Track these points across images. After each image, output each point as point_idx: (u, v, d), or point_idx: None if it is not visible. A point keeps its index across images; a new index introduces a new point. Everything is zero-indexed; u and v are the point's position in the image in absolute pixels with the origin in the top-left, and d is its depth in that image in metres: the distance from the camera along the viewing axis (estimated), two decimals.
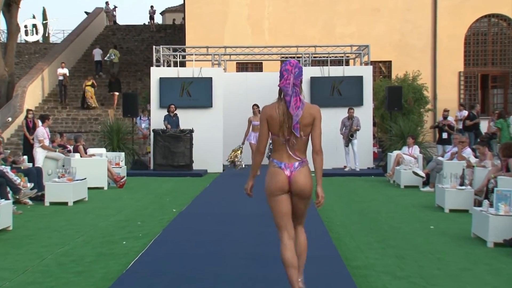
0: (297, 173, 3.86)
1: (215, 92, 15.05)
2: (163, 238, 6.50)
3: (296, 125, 3.79)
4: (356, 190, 11.23)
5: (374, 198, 10.08)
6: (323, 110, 16.12)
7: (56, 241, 6.41)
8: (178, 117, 14.59)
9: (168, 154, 14.25)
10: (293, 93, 3.82)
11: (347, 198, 10.00)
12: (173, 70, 15.60)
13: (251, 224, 7.47)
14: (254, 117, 13.25)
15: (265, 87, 16.48)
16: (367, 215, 8.23)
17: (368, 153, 15.04)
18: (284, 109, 3.82)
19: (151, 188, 11.50)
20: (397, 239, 6.53)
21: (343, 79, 15.13)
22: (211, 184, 12.18)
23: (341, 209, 8.80)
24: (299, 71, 3.88)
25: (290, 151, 3.85)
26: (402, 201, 9.70)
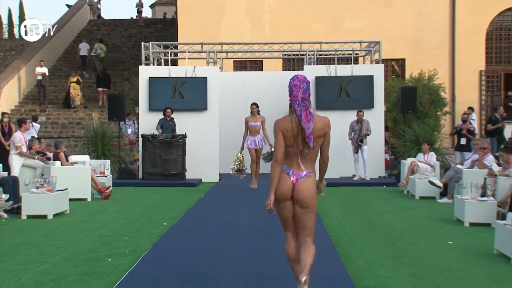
0: (301, 182, 4.48)
1: (210, 93, 15.08)
2: (153, 255, 6.50)
3: (310, 136, 4.45)
4: (366, 201, 11.23)
5: (386, 210, 10.08)
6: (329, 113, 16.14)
7: (34, 259, 6.41)
8: (174, 122, 14.62)
9: (159, 162, 14.26)
10: (302, 108, 4.46)
11: (356, 210, 10.00)
12: (163, 69, 15.63)
13: (250, 239, 7.46)
14: (252, 118, 12.89)
15: (266, 88, 16.59)
16: (378, 229, 8.23)
17: (380, 161, 15.06)
18: (296, 122, 4.47)
19: (139, 200, 11.49)
20: (411, 256, 6.53)
21: (352, 79, 15.16)
22: (206, 195, 12.18)
23: (350, 222, 8.80)
24: (307, 86, 4.51)
25: (301, 161, 4.51)
26: (417, 213, 9.70)
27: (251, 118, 12.90)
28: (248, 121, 12.88)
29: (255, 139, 12.82)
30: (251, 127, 12.83)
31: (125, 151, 16.78)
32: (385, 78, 16.51)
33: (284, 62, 21.62)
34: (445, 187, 11.08)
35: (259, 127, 12.83)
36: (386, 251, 6.79)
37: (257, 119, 12.88)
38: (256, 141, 12.81)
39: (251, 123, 12.85)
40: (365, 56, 17.15)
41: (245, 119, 12.99)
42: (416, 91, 15.76)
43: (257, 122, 12.85)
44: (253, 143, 12.81)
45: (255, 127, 12.83)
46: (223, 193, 12.60)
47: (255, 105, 12.97)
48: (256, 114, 12.87)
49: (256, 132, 12.84)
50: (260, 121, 12.87)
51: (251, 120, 12.87)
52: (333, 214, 9.58)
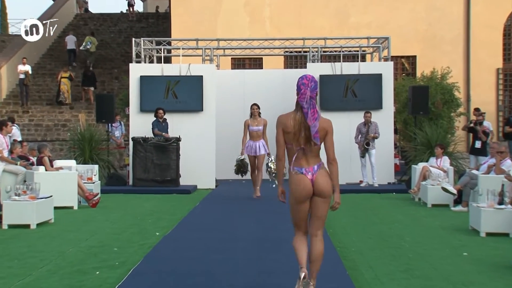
0: (318, 175, 4.97)
1: (206, 93, 15.09)
2: (144, 268, 6.49)
3: (316, 134, 4.88)
4: (374, 209, 11.23)
5: (396, 219, 10.08)
6: (335, 115, 16.14)
7: (16, 272, 6.40)
8: (167, 123, 14.63)
9: (151, 167, 14.26)
10: (310, 106, 4.91)
11: (363, 220, 10.00)
12: (156, 67, 15.64)
13: (250, 250, 7.46)
14: (252, 121, 12.27)
15: (266, 87, 16.61)
16: (387, 239, 8.22)
17: (389, 166, 15.06)
18: (300, 120, 4.91)
19: (129, 208, 11.49)
20: (423, 268, 6.52)
21: (359, 78, 15.18)
22: (202, 203, 12.17)
23: (357, 232, 8.79)
24: (314, 85, 4.98)
25: (306, 158, 4.97)
26: (430, 222, 9.70)
27: (251, 121, 12.27)
28: (249, 125, 12.26)
29: (255, 144, 12.23)
30: (252, 132, 12.25)
31: (114, 155, 16.78)
32: (394, 76, 16.53)
33: (285, 59, 21.65)
34: (459, 194, 11.08)
35: (261, 132, 12.24)
36: (396, 263, 6.78)
37: (259, 122, 12.25)
38: (257, 147, 12.20)
39: (252, 127, 12.24)
40: (373, 53, 17.18)
41: (244, 122, 12.36)
42: (428, 90, 15.76)
43: (258, 126, 12.23)
44: (252, 150, 12.23)
45: (257, 132, 12.25)
46: (220, 201, 12.59)
47: (256, 106, 12.36)
48: (257, 117, 12.28)
49: (258, 137, 12.24)
50: (262, 124, 12.23)
51: (252, 123, 12.26)
52: (339, 223, 9.57)
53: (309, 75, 5.07)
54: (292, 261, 6.35)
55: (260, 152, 12.21)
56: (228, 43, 17.55)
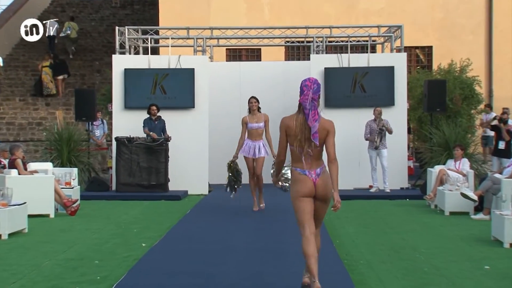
0: (320, 180, 5.62)
1: (198, 88, 15.09)
2: (128, 283, 6.48)
3: (315, 134, 5.52)
4: (385, 217, 11.23)
5: (409, 228, 10.08)
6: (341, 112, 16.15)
7: None
8: (163, 121, 14.58)
9: (136, 170, 14.26)
10: (311, 107, 5.57)
11: (373, 229, 10.00)
12: (142, 59, 15.63)
13: (246, 263, 7.45)
14: (251, 117, 11.58)
15: (265, 81, 16.62)
16: (400, 251, 8.22)
17: (402, 169, 15.07)
18: (302, 121, 5.58)
19: (112, 216, 11.48)
20: (440, 284, 6.52)
21: (368, 71, 15.19)
22: (193, 210, 12.16)
23: (366, 243, 8.79)
24: (317, 87, 5.63)
25: (309, 161, 5.60)
26: (447, 232, 9.71)
27: (250, 118, 11.57)
28: (248, 122, 11.56)
29: (254, 145, 11.58)
30: (251, 130, 11.55)
31: (95, 157, 16.76)
32: (408, 69, 16.55)
33: (286, 50, 21.67)
34: (480, 200, 11.07)
35: (262, 129, 11.57)
36: (410, 277, 6.78)
37: (259, 118, 11.55)
38: (256, 148, 11.54)
39: (251, 124, 11.53)
40: (384, 43, 17.19)
41: (242, 119, 11.69)
42: (446, 85, 15.78)
43: (259, 123, 11.52)
44: (250, 150, 11.56)
45: (258, 130, 11.55)
46: (213, 208, 12.58)
47: (254, 100, 11.60)
48: (256, 112, 11.56)
49: (258, 135, 11.60)
50: (263, 120, 11.53)
51: (251, 120, 11.55)
52: (346, 233, 9.57)
53: (313, 77, 5.73)
54: (296, 276, 6.35)
55: (260, 154, 11.54)
56: (222, 32, 17.55)
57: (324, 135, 5.61)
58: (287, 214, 10.90)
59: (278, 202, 12.38)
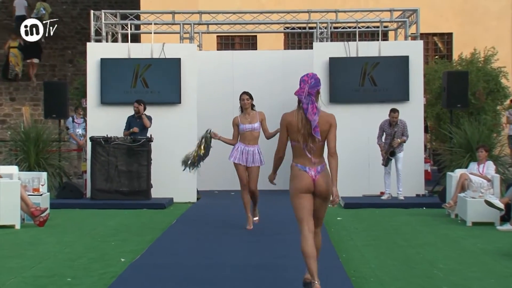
0: (320, 177, 6.27)
1: (185, 80, 15.09)
2: None
3: (316, 128, 6.17)
4: (399, 228, 11.25)
5: (426, 240, 10.09)
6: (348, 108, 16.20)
7: None
8: (150, 118, 14.56)
9: (114, 175, 14.25)
10: (309, 101, 6.21)
11: (385, 242, 10.00)
12: (121, 48, 15.62)
13: (240, 281, 7.45)
14: (244, 117, 10.85)
15: (261, 73, 16.63)
16: (416, 266, 8.23)
17: (418, 173, 15.07)
18: (302, 116, 6.22)
19: (87, 227, 11.47)
20: None
21: (379, 61, 15.20)
22: (179, 221, 12.15)
23: (377, 257, 8.80)
24: (315, 82, 6.27)
25: (309, 156, 6.24)
26: (470, 245, 9.72)
27: (242, 118, 10.84)
28: (239, 123, 10.83)
29: (248, 150, 10.79)
30: (244, 132, 10.77)
31: (69, 160, 16.72)
32: (425, 59, 16.58)
33: (286, 38, 21.68)
34: (507, 209, 11.09)
35: (257, 132, 10.82)
36: None
37: (253, 118, 10.80)
38: (249, 154, 10.79)
39: (243, 125, 10.77)
40: (397, 30, 17.21)
41: (233, 120, 10.96)
42: (468, 77, 15.79)
43: (253, 123, 10.77)
44: (243, 156, 10.78)
45: (252, 132, 10.78)
46: (202, 218, 12.57)
47: (246, 96, 10.86)
48: (249, 110, 10.85)
49: (253, 139, 10.81)
50: (258, 120, 10.79)
51: (243, 120, 10.81)
52: (354, 246, 9.58)
53: (311, 73, 6.40)
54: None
55: (254, 163, 10.77)
56: (213, 17, 17.55)
57: (326, 128, 6.28)
58: (285, 225, 10.92)
59: (275, 212, 12.38)
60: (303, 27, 18.38)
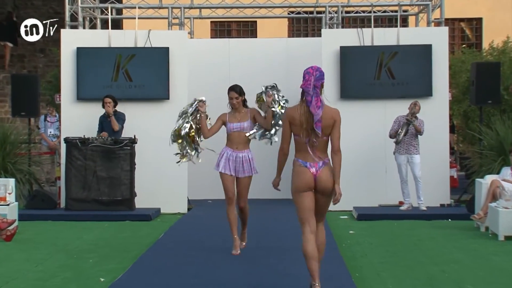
0: (321, 172, 6.92)
1: (174, 73, 15.11)
2: None
3: (318, 123, 6.80)
4: (420, 243, 11.25)
5: (452, 257, 10.09)
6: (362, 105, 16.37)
7: None
8: (122, 114, 14.61)
9: (92, 181, 14.24)
10: (314, 94, 6.88)
11: (404, 258, 10.00)
12: (100, 35, 15.62)
13: None
14: (232, 115, 10.25)
15: (262, 64, 16.60)
16: (440, 287, 8.24)
17: (442, 180, 15.07)
18: (305, 109, 6.87)
19: (61, 241, 11.45)
20: None
21: (398, 50, 15.21)
22: (167, 234, 12.15)
23: (395, 276, 8.81)
24: (320, 74, 6.99)
25: (312, 151, 6.91)
26: (502, 262, 9.71)
27: (231, 116, 10.26)
28: (227, 121, 10.26)
29: (236, 157, 10.11)
30: (232, 133, 10.16)
31: (40, 164, 16.70)
32: (450, 48, 16.58)
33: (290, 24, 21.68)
34: None
35: (246, 132, 10.15)
36: None
37: (243, 117, 10.20)
38: (238, 161, 10.10)
39: (231, 124, 10.17)
40: (418, 15, 17.21)
41: (220, 115, 10.40)
42: (500, 69, 15.78)
43: (242, 122, 10.15)
44: (230, 164, 10.10)
45: (240, 132, 10.12)
46: (193, 231, 12.58)
47: (234, 92, 10.27)
48: (240, 108, 10.24)
49: (242, 142, 10.13)
50: (249, 117, 10.16)
51: (232, 118, 10.22)
52: (369, 263, 9.58)
53: (316, 66, 7.07)
54: None
55: (245, 173, 10.09)
56: (206, 0, 17.57)
57: (330, 123, 6.91)
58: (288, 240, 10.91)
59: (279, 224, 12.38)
60: (310, 12, 18.38)
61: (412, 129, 14.07)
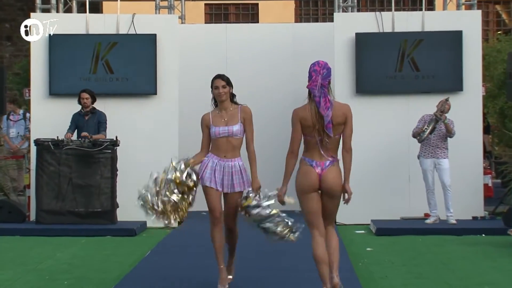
0: (327, 172, 7.48)
1: (163, 64, 15.13)
2: None
3: (328, 124, 7.37)
4: (449, 262, 11.25)
5: (487, 279, 10.09)
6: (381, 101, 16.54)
7: None
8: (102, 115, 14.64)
9: (67, 190, 14.23)
10: (321, 94, 7.41)
11: (432, 280, 10.01)
12: (76, 20, 15.62)
13: None
14: (218, 115, 9.16)
15: (265, 54, 16.59)
16: None
17: (475, 188, 15.06)
18: (315, 110, 7.40)
19: (32, 260, 11.47)
20: None
21: (423, 38, 15.22)
22: (155, 252, 12.16)
23: None
24: (327, 72, 7.47)
25: (323, 151, 7.49)
26: None
27: (216, 117, 9.19)
28: (210, 123, 9.17)
29: (224, 167, 9.15)
30: (217, 139, 9.11)
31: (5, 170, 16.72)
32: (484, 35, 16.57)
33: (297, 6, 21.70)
34: None
35: (238, 137, 9.12)
36: None
37: (231, 117, 9.16)
38: (226, 172, 9.16)
39: (216, 127, 9.09)
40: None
41: (202, 119, 9.28)
42: None
43: (231, 125, 9.10)
44: (216, 175, 9.22)
45: (230, 138, 9.08)
46: (184, 248, 12.59)
47: (222, 82, 9.16)
48: (228, 104, 9.19)
49: (232, 149, 9.15)
50: (239, 120, 9.11)
51: (217, 119, 9.17)
52: (390, 286, 9.59)
53: (322, 61, 7.57)
54: None
55: (234, 188, 9.17)
56: None
57: (342, 120, 7.49)
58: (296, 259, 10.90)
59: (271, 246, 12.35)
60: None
61: (441, 129, 14.02)
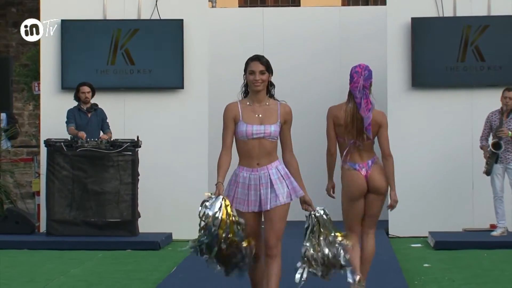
0: (372, 172, 8.66)
1: (191, 54, 15.19)
2: None
3: (368, 126, 8.44)
4: None
5: None
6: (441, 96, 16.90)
7: None
8: (104, 112, 14.77)
9: (82, 198, 14.30)
10: (362, 95, 8.49)
11: None
12: (92, 3, 15.66)
13: None
14: (249, 108, 8.10)
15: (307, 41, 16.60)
16: None
17: None
18: (353, 111, 8.50)
19: (41, 277, 11.52)
20: None
21: (489, 23, 15.16)
22: (181, 268, 12.20)
23: None
24: (368, 74, 8.57)
25: (358, 153, 8.63)
26: None
27: (247, 110, 8.13)
28: (240, 120, 8.09)
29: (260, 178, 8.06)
30: (248, 141, 8.07)
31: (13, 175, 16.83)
32: None
33: None
34: None
35: (274, 140, 8.06)
36: None
37: (268, 114, 8.10)
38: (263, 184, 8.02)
39: (249, 125, 8.05)
40: None
41: (226, 110, 8.18)
42: None
43: (266, 124, 8.03)
44: (250, 194, 8.11)
45: (262, 140, 8.02)
46: None
47: (259, 63, 8.08)
48: (263, 96, 8.14)
49: (266, 154, 8.06)
50: (277, 119, 8.05)
51: (248, 115, 8.11)
52: None
53: (363, 63, 8.65)
54: None
55: (277, 200, 8.00)
56: None
57: (375, 129, 8.61)
58: None
59: None
60: None
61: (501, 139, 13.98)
